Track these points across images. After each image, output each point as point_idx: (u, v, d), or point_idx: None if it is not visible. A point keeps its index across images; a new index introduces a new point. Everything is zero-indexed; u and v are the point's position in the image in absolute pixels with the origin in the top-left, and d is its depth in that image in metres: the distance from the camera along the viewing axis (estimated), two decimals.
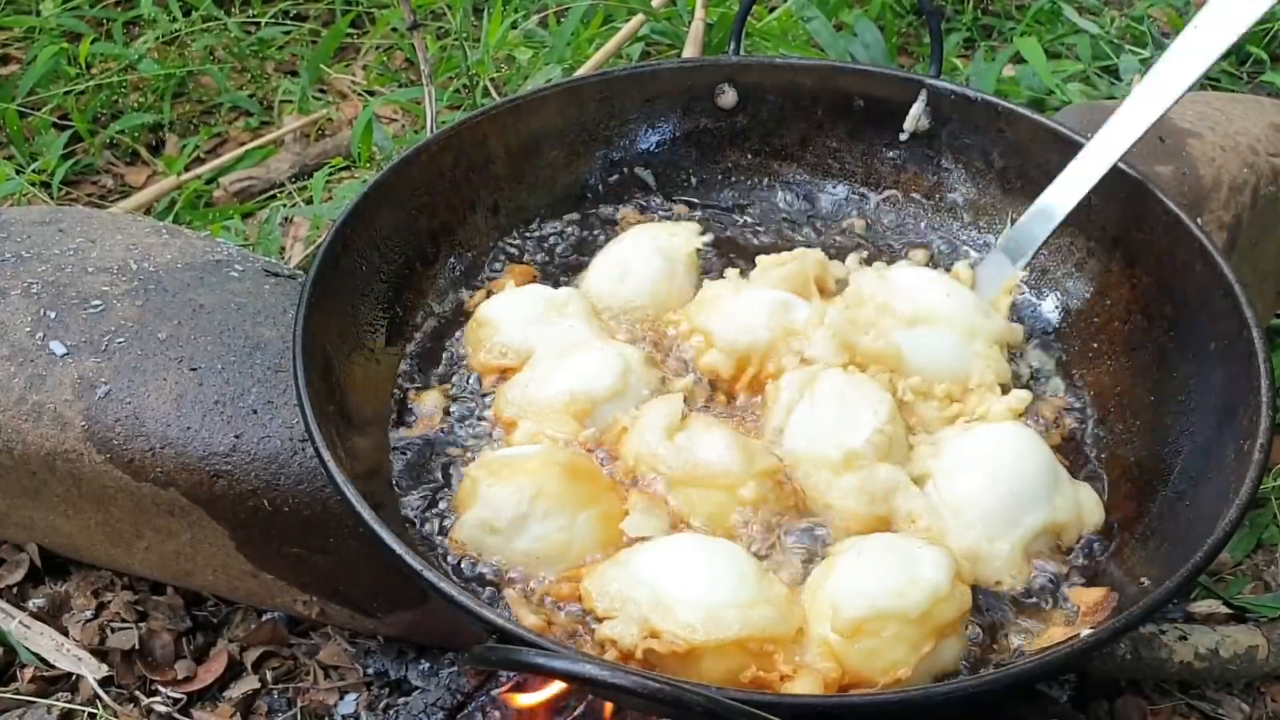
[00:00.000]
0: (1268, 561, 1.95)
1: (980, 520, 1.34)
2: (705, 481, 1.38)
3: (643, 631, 1.19)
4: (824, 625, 1.22)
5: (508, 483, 1.34)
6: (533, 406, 1.47)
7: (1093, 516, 1.42)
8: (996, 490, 1.36)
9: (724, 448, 1.39)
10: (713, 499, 1.37)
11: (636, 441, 1.42)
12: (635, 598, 1.22)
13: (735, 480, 1.37)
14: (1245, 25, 1.49)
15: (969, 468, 1.38)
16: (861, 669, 1.21)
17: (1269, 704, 1.76)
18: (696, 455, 1.39)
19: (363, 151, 2.50)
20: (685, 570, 1.24)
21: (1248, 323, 1.41)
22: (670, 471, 1.38)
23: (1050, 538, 1.39)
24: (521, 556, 1.33)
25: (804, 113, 1.86)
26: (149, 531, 1.70)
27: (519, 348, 1.55)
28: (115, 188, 2.70)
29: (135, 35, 2.96)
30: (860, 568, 1.25)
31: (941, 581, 1.23)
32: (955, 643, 1.26)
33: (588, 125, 1.82)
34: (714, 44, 2.64)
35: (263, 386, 1.62)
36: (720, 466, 1.38)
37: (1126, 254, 1.63)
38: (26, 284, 1.73)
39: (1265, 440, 1.29)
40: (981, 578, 1.34)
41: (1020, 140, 1.74)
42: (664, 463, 1.39)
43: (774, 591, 1.25)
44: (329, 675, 1.76)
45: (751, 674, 1.19)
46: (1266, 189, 1.99)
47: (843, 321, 1.54)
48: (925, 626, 1.21)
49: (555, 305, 1.59)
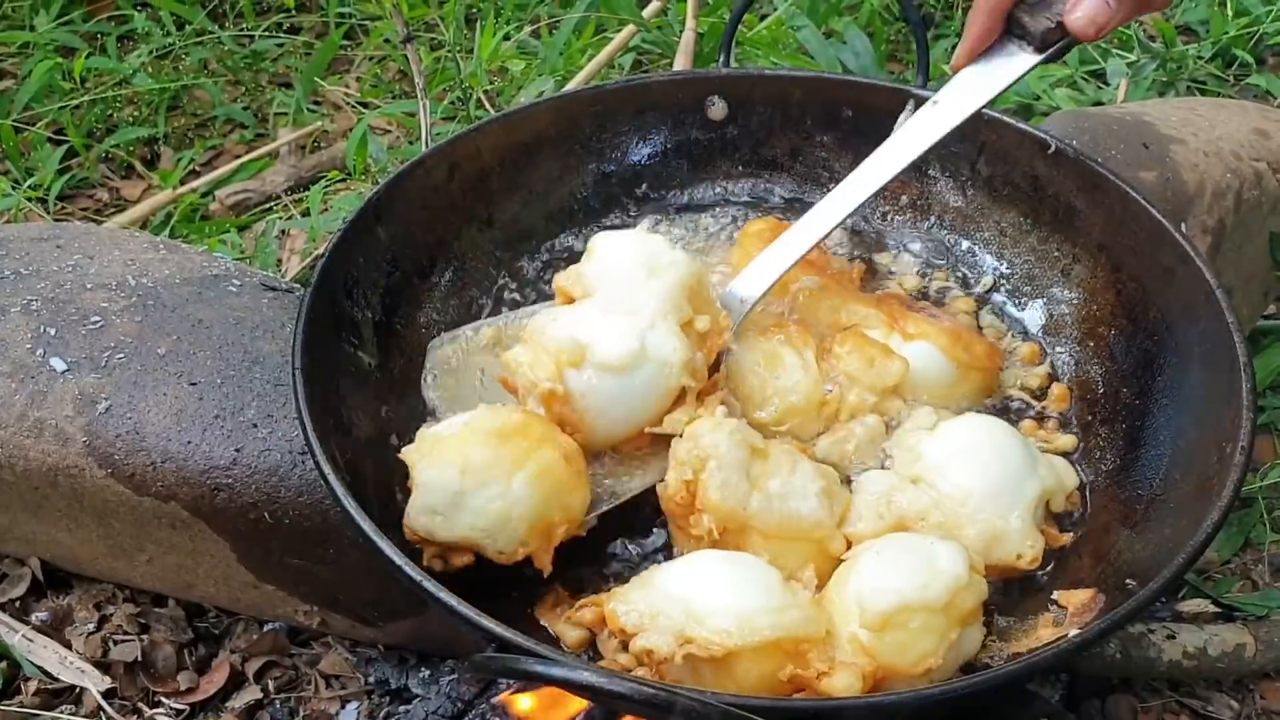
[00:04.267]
0: (1255, 560, 1.97)
1: (989, 502, 1.39)
2: (799, 535, 1.35)
3: (678, 640, 1.21)
4: (852, 623, 1.26)
5: (437, 461, 1.31)
6: (538, 335, 1.43)
7: (1070, 478, 1.48)
8: (992, 472, 1.41)
9: (815, 496, 1.35)
10: (800, 550, 1.35)
11: (717, 491, 1.32)
12: (666, 612, 1.24)
13: (828, 533, 1.36)
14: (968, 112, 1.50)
15: (959, 461, 1.42)
16: (893, 661, 1.24)
17: (1258, 700, 1.79)
18: (790, 506, 1.34)
19: (358, 164, 2.52)
20: (712, 583, 1.27)
21: (1229, 327, 1.44)
22: (765, 528, 1.33)
23: (1044, 506, 1.44)
24: (471, 532, 1.30)
25: (793, 123, 1.88)
26: (150, 545, 1.72)
27: (590, 283, 1.48)
28: (111, 201, 2.72)
29: (129, 49, 2.97)
30: (881, 566, 1.29)
31: (960, 571, 1.27)
32: (976, 631, 1.30)
33: (579, 138, 1.84)
34: (705, 53, 2.66)
35: (262, 400, 1.64)
36: (813, 519, 1.35)
37: (1111, 259, 1.66)
38: (26, 301, 1.75)
39: (1247, 442, 1.32)
40: (1003, 557, 1.38)
41: (1005, 148, 1.76)
42: (759, 519, 1.33)
43: (800, 597, 1.28)
44: (330, 684, 1.78)
45: (790, 673, 1.22)
46: (1250, 193, 2.02)
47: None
48: (950, 615, 1.26)
49: (652, 267, 1.47)
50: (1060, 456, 1.54)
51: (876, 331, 1.58)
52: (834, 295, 1.64)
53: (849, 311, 1.62)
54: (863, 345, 1.55)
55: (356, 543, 1.26)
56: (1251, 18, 2.98)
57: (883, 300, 1.65)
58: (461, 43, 2.76)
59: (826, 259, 1.73)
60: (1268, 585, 1.92)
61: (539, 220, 1.83)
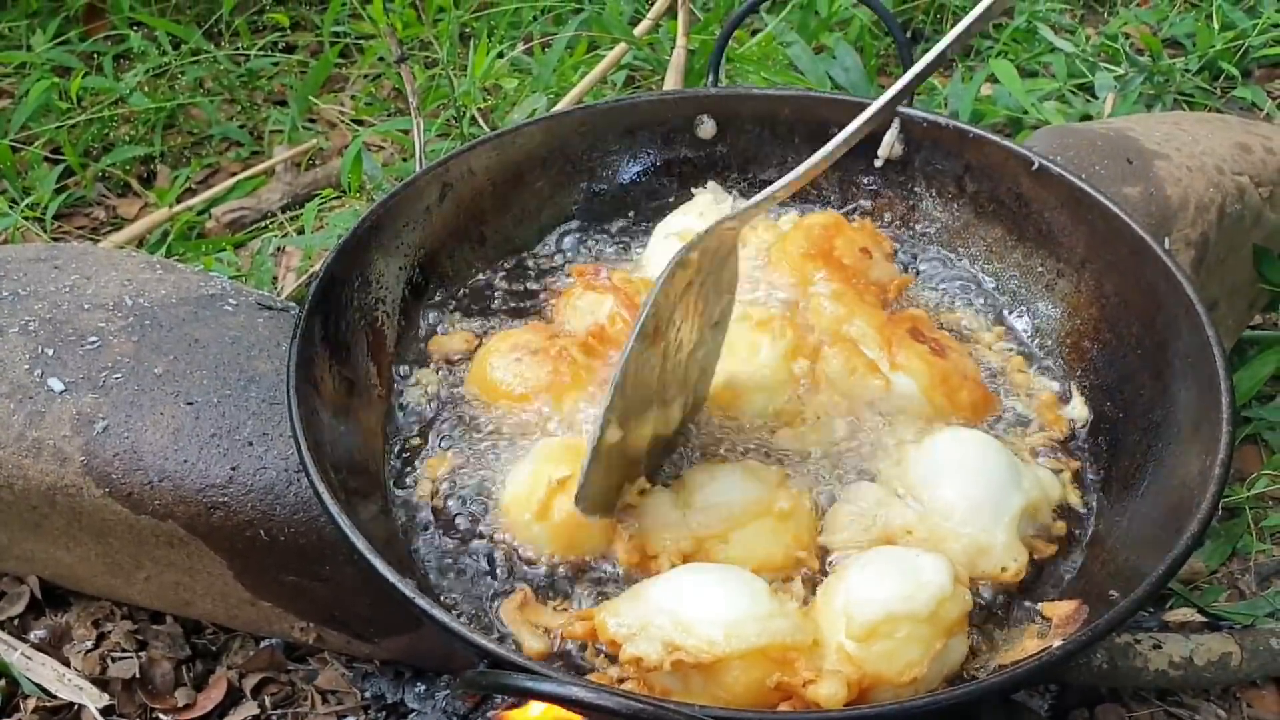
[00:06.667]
0: (1243, 569, 1.99)
1: (973, 515, 1.41)
2: (746, 518, 1.39)
3: (667, 648, 1.23)
4: (839, 634, 1.28)
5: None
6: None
7: (1054, 490, 1.50)
8: (977, 486, 1.43)
9: (738, 483, 1.41)
10: (763, 528, 1.39)
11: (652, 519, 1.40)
12: (655, 622, 1.26)
13: (771, 499, 1.40)
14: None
15: (944, 474, 1.44)
16: (880, 670, 1.26)
17: (1245, 709, 1.80)
18: (720, 501, 1.40)
19: (353, 181, 2.55)
20: (700, 593, 1.29)
21: (1210, 341, 1.46)
22: (711, 531, 1.38)
23: (1029, 519, 1.46)
24: None
25: (781, 141, 1.90)
26: (148, 562, 1.74)
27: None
28: (108, 220, 2.74)
29: (125, 69, 3.00)
30: (867, 578, 1.31)
31: (944, 582, 1.29)
32: (961, 642, 1.32)
33: (571, 157, 1.87)
34: (697, 70, 2.69)
35: (258, 419, 1.66)
36: (745, 500, 1.39)
37: (1095, 274, 1.68)
38: (24, 322, 1.77)
39: (1226, 455, 1.34)
40: (987, 570, 1.40)
41: (990, 164, 1.79)
42: (704, 529, 1.39)
43: (787, 606, 1.30)
44: (327, 700, 1.79)
45: (777, 679, 1.24)
46: (1233, 207, 2.04)
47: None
48: (935, 625, 1.28)
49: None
50: (1047, 469, 1.55)
51: (872, 351, 1.60)
52: (845, 305, 1.65)
53: (853, 325, 1.63)
54: (851, 354, 1.57)
55: (351, 560, 1.27)
56: (1238, 31, 3.01)
57: (895, 320, 1.64)
58: (455, 60, 2.79)
59: (867, 263, 1.72)
60: (1254, 594, 1.94)
61: (531, 237, 1.85)
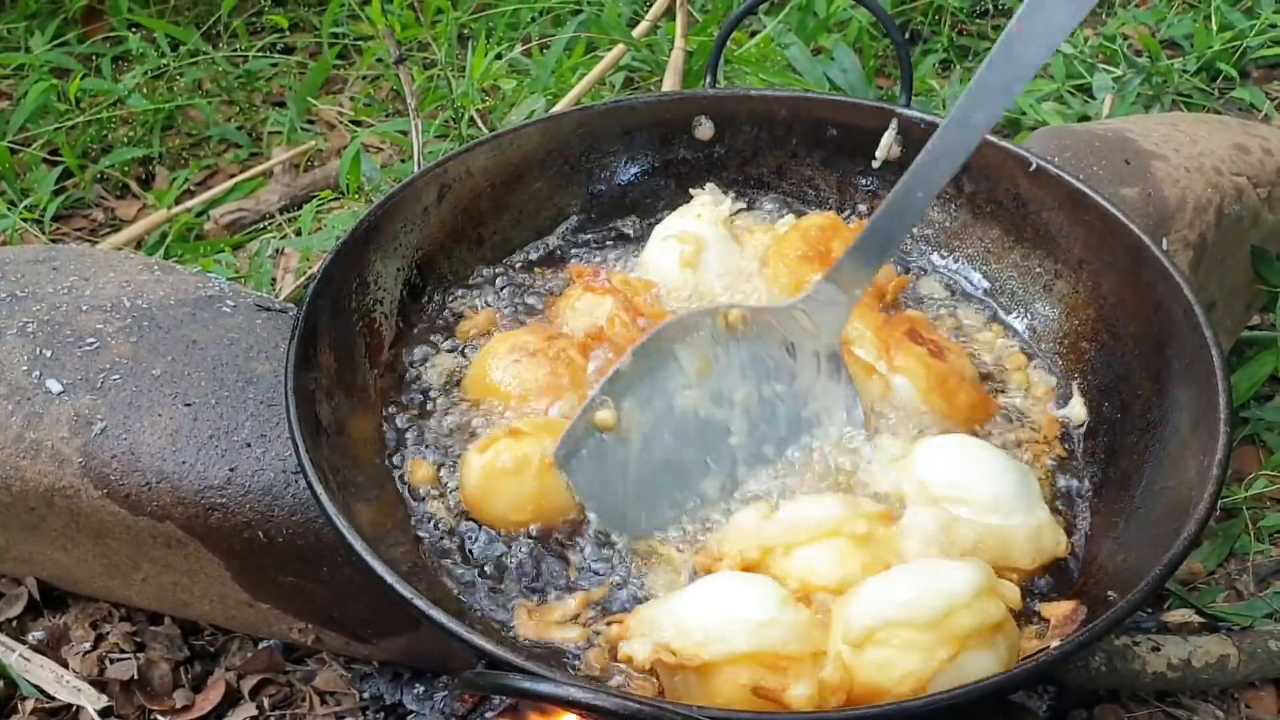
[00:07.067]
0: (1240, 570, 1.99)
1: (1013, 502, 1.39)
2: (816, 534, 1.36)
3: (656, 649, 1.24)
4: (838, 640, 1.25)
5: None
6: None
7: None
8: (1004, 475, 1.41)
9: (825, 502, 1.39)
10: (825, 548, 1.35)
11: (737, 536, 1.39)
12: (663, 625, 1.27)
13: (852, 516, 1.37)
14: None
15: (971, 474, 1.41)
16: (874, 679, 1.22)
17: (1243, 710, 1.80)
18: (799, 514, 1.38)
19: (351, 182, 2.55)
20: (711, 601, 1.29)
21: (1207, 342, 1.46)
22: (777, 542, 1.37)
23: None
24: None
25: (779, 142, 1.91)
26: (146, 564, 1.74)
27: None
28: (106, 221, 2.75)
29: (124, 71, 3.01)
30: (881, 584, 1.28)
31: (960, 590, 1.22)
32: (985, 656, 1.23)
33: (569, 158, 1.87)
34: (695, 71, 2.69)
35: (256, 420, 1.66)
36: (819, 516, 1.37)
37: (1092, 275, 1.68)
38: (22, 323, 1.77)
39: (1223, 456, 1.34)
40: (1051, 549, 1.39)
41: (988, 165, 1.79)
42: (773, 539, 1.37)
43: (794, 617, 1.27)
44: (325, 701, 1.79)
45: (755, 684, 1.22)
46: (1231, 208, 2.05)
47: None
48: (939, 634, 1.21)
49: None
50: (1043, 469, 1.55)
51: (868, 352, 1.60)
52: None
53: (851, 326, 1.62)
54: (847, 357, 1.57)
55: (349, 561, 1.27)
56: (1235, 31, 3.01)
57: (892, 323, 1.63)
58: (454, 62, 2.79)
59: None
60: (1252, 595, 1.94)
61: (529, 238, 1.86)
